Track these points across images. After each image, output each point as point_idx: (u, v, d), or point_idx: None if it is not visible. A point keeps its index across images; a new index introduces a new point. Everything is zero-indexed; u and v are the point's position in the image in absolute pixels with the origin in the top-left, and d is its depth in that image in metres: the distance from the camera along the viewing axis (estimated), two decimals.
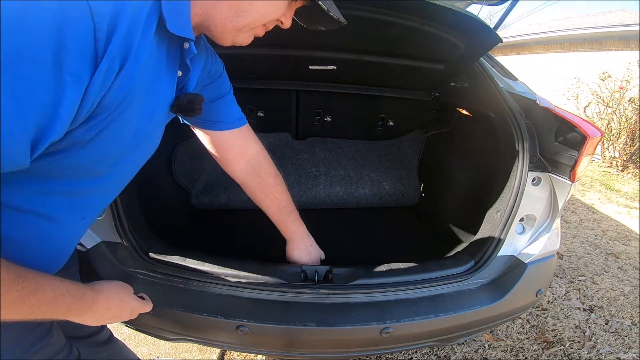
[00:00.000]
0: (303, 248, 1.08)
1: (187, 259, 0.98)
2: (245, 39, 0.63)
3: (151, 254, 0.99)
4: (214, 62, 0.78)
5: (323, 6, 0.62)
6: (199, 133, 0.88)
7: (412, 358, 1.51)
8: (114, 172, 0.60)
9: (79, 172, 0.53)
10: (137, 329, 1.02)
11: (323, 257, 1.11)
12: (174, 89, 0.63)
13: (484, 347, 1.59)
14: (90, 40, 0.41)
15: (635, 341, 1.67)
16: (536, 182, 1.10)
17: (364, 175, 1.84)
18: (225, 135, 0.86)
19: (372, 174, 1.85)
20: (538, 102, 1.17)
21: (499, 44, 1.18)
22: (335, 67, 1.45)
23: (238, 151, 0.91)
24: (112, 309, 0.68)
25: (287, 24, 0.65)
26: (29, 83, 0.38)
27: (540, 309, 1.87)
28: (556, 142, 1.08)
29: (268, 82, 1.61)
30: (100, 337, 0.95)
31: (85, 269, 0.92)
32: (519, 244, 1.12)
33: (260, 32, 0.64)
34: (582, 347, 1.62)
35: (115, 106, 0.48)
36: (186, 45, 0.58)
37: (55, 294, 0.53)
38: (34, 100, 0.39)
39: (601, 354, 1.59)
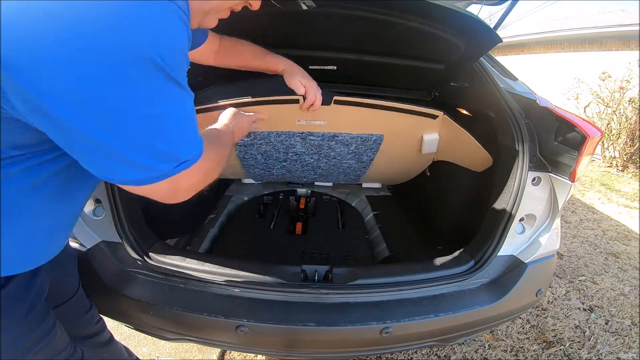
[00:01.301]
0: (300, 72, 1.12)
1: (187, 259, 0.98)
2: (210, 22, 0.64)
3: (151, 254, 0.99)
4: None
5: None
6: None
7: (412, 358, 1.51)
8: None
9: None
10: (137, 329, 1.02)
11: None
12: None
13: (484, 347, 1.59)
14: None
15: (635, 341, 1.67)
16: (536, 182, 1.10)
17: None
18: (198, 48, 0.95)
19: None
20: (538, 102, 1.17)
21: (499, 44, 1.18)
22: (335, 67, 1.45)
23: (210, 50, 1.01)
24: (242, 126, 1.00)
25: (255, 5, 0.67)
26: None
27: (540, 309, 1.87)
28: (556, 142, 1.08)
29: None
30: (101, 338, 0.95)
31: (85, 268, 0.92)
32: (519, 243, 1.12)
33: (226, 14, 0.66)
34: (582, 347, 1.62)
35: None
36: None
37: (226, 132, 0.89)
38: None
39: (601, 354, 1.59)
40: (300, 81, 1.11)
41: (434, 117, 1.40)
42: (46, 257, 0.67)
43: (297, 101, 1.24)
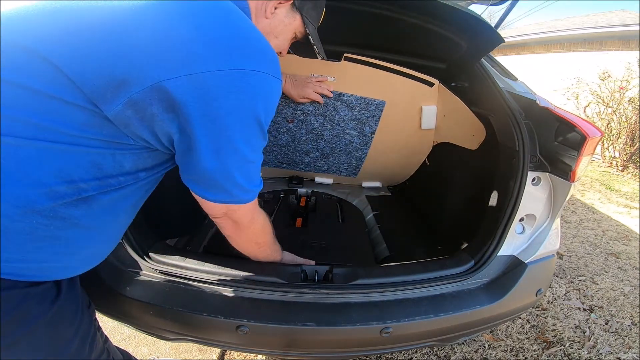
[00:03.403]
0: (297, 84, 1.45)
1: (187, 259, 0.98)
2: None
3: (151, 254, 0.99)
4: None
5: (315, 49, 0.92)
6: None
7: (412, 358, 1.51)
8: None
9: None
10: (137, 329, 1.02)
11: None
12: None
13: (484, 347, 1.59)
14: None
15: (635, 341, 1.67)
16: (536, 182, 1.10)
17: None
18: None
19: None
20: (538, 102, 1.17)
21: (500, 44, 1.19)
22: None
23: None
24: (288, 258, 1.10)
25: (284, 54, 0.90)
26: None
27: (540, 309, 1.87)
28: (556, 142, 1.08)
29: None
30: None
31: None
32: (519, 243, 1.12)
33: None
34: (582, 347, 1.63)
35: None
36: None
37: (279, 247, 1.05)
38: None
39: (601, 354, 1.59)
40: (298, 94, 1.45)
41: (431, 84, 1.51)
42: (105, 257, 0.77)
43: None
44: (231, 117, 0.60)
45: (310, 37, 0.88)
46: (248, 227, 0.82)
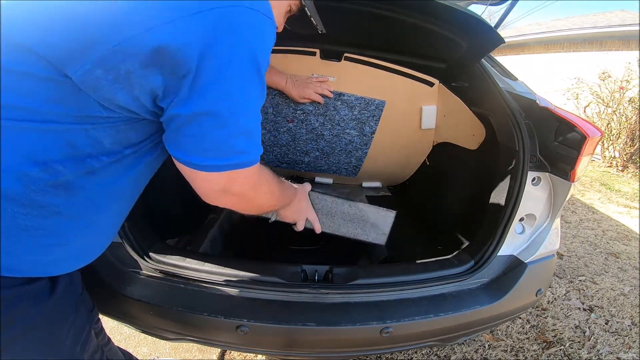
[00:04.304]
0: (298, 85, 1.42)
1: (187, 259, 0.98)
2: None
3: (151, 254, 0.99)
4: None
5: (313, 21, 0.84)
6: None
7: (412, 358, 1.51)
8: None
9: None
10: (137, 329, 1.02)
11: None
12: None
13: (484, 347, 1.59)
14: None
15: (635, 341, 1.67)
16: (536, 182, 1.10)
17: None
18: None
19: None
20: (538, 102, 1.17)
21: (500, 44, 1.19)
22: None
23: None
24: (301, 206, 1.04)
25: (280, 29, 0.82)
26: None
27: (540, 309, 1.87)
28: (556, 142, 1.08)
29: None
30: (103, 339, 0.95)
31: (85, 268, 0.91)
32: (519, 243, 1.12)
33: None
34: (582, 347, 1.63)
35: None
36: None
37: (290, 188, 0.99)
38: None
39: (601, 354, 1.59)
40: (299, 94, 1.43)
41: (431, 84, 1.52)
42: (102, 251, 0.74)
43: (313, 53, 1.43)
44: (222, 62, 0.53)
45: (306, 9, 0.82)
46: (255, 196, 0.72)
